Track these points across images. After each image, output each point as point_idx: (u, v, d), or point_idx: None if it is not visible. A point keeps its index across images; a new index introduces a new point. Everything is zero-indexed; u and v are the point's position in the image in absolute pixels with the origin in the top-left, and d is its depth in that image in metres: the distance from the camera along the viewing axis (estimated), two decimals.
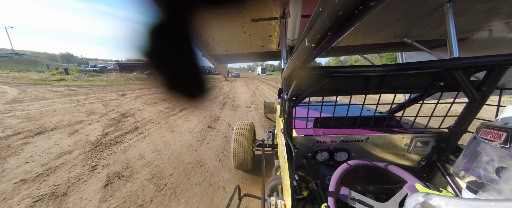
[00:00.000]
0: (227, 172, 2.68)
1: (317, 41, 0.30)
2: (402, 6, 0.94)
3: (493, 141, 0.70)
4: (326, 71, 0.83)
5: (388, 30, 1.27)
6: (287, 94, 0.93)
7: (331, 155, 1.12)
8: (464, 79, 0.85)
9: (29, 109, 6.21)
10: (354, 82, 0.96)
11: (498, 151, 0.68)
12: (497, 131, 0.70)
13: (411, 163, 1.14)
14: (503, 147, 0.66)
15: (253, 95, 11.19)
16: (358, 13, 0.20)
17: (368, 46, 1.68)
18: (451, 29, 0.84)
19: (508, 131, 0.66)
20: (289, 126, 1.05)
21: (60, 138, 3.88)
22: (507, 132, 0.67)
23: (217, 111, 6.56)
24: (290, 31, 0.80)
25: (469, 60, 0.76)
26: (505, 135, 0.67)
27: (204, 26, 0.25)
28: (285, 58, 1.05)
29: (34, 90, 10.69)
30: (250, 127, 2.55)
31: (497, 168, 0.65)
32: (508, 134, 0.66)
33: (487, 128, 0.75)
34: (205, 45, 1.60)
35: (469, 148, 0.79)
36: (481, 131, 0.77)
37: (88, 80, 18.89)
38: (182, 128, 4.57)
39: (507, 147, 0.65)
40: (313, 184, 0.91)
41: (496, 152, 0.68)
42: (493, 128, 0.72)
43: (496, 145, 0.69)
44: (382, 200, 0.92)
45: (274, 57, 2.12)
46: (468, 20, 1.07)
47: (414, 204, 0.58)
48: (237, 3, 0.23)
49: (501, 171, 0.63)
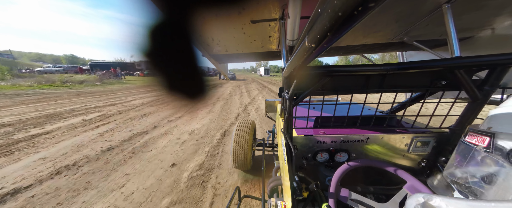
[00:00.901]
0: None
1: (317, 41, 0.30)
2: (400, 7, 0.94)
3: (478, 145, 0.69)
4: (326, 70, 0.83)
5: (388, 30, 1.27)
6: (288, 93, 0.93)
7: (331, 155, 1.12)
8: (466, 78, 0.84)
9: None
10: (355, 81, 0.96)
11: (482, 155, 0.66)
12: (481, 136, 0.69)
13: (411, 164, 1.14)
14: (487, 151, 0.65)
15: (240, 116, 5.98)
16: (357, 14, 0.20)
17: (368, 46, 1.67)
18: (451, 29, 0.84)
19: (490, 136, 0.65)
20: (290, 125, 1.05)
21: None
22: (490, 137, 0.65)
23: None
24: (290, 32, 0.80)
25: (470, 59, 0.75)
26: (488, 139, 0.66)
27: (204, 27, 0.25)
28: (285, 58, 1.05)
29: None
30: (251, 125, 2.55)
31: (483, 173, 0.64)
32: (491, 139, 0.65)
33: (472, 132, 0.74)
34: (205, 45, 1.61)
35: (457, 151, 0.78)
36: (467, 134, 0.76)
37: (19, 87, 13.10)
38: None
39: (489, 152, 0.64)
40: (313, 185, 0.91)
41: (481, 156, 0.67)
42: (478, 132, 0.71)
43: (480, 149, 0.67)
44: (382, 200, 0.92)
45: (274, 57, 2.13)
46: (468, 20, 1.07)
47: (414, 204, 0.57)
48: (236, 3, 0.23)
49: (486, 175, 0.62)
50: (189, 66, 0.29)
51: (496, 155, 0.62)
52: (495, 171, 0.61)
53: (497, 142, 0.63)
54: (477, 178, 0.65)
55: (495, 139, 0.64)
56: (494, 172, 0.61)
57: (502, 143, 0.62)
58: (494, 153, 0.63)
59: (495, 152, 0.63)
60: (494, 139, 0.64)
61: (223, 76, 2.66)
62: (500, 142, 0.62)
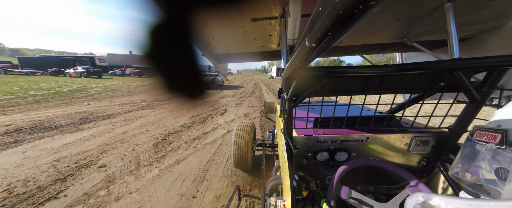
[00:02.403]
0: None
1: (317, 40, 0.30)
2: (402, 5, 0.93)
3: (489, 143, 0.70)
4: (326, 71, 0.83)
5: (388, 30, 1.27)
6: (287, 94, 0.93)
7: (331, 155, 1.12)
8: (465, 80, 0.84)
9: None
10: (354, 83, 0.96)
11: (494, 152, 0.68)
12: (492, 133, 0.71)
13: (411, 163, 1.14)
14: (499, 148, 0.67)
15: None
16: (358, 12, 0.20)
17: (368, 46, 1.67)
18: (452, 29, 0.84)
19: (502, 133, 0.67)
20: (289, 126, 1.05)
21: None
22: (502, 134, 0.67)
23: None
24: (290, 31, 0.80)
25: (469, 61, 0.75)
26: (500, 136, 0.67)
27: (204, 25, 0.25)
28: (286, 58, 1.05)
29: None
30: (251, 126, 2.55)
31: (496, 169, 0.65)
32: (503, 136, 0.67)
33: (481, 130, 0.75)
34: (205, 44, 1.60)
35: (464, 150, 0.79)
36: (475, 133, 0.77)
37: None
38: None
39: (503, 148, 0.66)
40: (313, 184, 0.91)
41: (493, 153, 0.68)
42: (487, 130, 0.73)
43: (492, 146, 0.69)
44: (382, 200, 0.92)
45: (275, 57, 2.12)
46: (469, 20, 1.06)
47: (414, 204, 0.58)
48: (237, 2, 0.23)
49: (500, 172, 0.63)
50: (189, 65, 0.29)
51: (510, 151, 0.63)
52: (510, 167, 0.61)
53: (510, 138, 0.65)
54: (491, 176, 0.66)
55: (508, 135, 0.65)
56: (509, 168, 0.61)
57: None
58: (508, 149, 0.64)
59: (509, 148, 0.64)
60: (507, 135, 0.65)
61: (223, 77, 2.67)
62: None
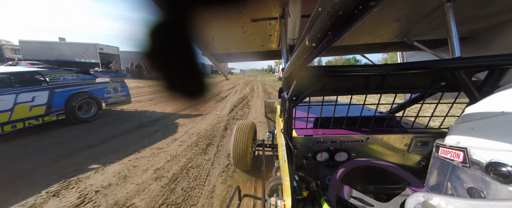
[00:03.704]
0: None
1: (317, 40, 0.30)
2: (402, 5, 0.93)
3: (454, 160, 0.69)
4: (326, 71, 0.83)
5: (389, 30, 1.27)
6: (288, 93, 0.92)
7: (331, 155, 1.12)
8: (466, 79, 0.84)
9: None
10: (355, 82, 0.96)
11: (462, 170, 0.67)
12: (455, 150, 0.70)
13: (411, 163, 1.14)
14: (465, 166, 0.66)
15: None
16: (358, 12, 0.20)
17: (369, 46, 1.67)
18: (452, 28, 0.83)
19: (463, 150, 0.66)
20: (289, 126, 1.05)
21: None
22: (463, 152, 0.66)
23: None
24: (290, 31, 0.80)
25: (470, 60, 0.75)
26: (462, 154, 0.67)
27: (204, 25, 0.25)
28: (286, 58, 1.04)
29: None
30: (251, 126, 2.55)
31: (468, 189, 0.64)
32: (465, 154, 0.66)
33: (444, 148, 0.74)
34: (205, 44, 1.60)
35: (434, 166, 0.78)
36: (440, 150, 0.75)
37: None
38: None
39: (468, 166, 0.64)
40: (313, 185, 0.90)
41: (461, 171, 0.67)
42: (449, 147, 0.72)
43: (457, 164, 0.68)
44: (383, 200, 0.92)
45: (275, 56, 2.12)
46: (469, 19, 1.06)
47: (414, 204, 0.57)
48: (237, 3, 0.23)
49: (472, 191, 0.62)
50: (189, 65, 0.29)
51: (475, 169, 0.62)
52: (480, 187, 0.60)
53: (471, 156, 0.63)
54: (463, 195, 0.65)
55: (469, 153, 0.64)
56: (479, 187, 0.60)
57: (477, 157, 0.62)
58: (472, 167, 0.63)
59: (473, 167, 0.63)
60: (468, 154, 0.64)
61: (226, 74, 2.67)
62: (474, 156, 0.63)
